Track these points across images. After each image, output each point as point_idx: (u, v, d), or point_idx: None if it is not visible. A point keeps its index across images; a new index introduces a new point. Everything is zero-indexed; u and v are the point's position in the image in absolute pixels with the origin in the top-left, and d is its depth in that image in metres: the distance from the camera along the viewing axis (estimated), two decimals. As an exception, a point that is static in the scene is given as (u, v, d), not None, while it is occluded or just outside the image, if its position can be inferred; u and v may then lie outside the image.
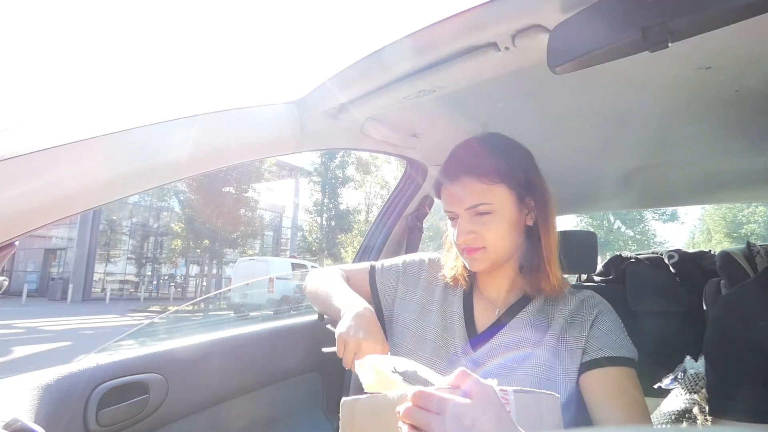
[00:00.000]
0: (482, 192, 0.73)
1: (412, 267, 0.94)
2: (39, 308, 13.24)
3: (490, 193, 0.74)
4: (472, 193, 0.74)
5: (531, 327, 0.76)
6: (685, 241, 27.54)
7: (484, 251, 0.75)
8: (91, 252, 17.89)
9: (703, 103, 0.91)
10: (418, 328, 0.84)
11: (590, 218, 22.12)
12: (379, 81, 0.77)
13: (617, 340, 0.72)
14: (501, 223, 0.74)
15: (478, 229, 0.74)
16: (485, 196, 0.73)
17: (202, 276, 19.25)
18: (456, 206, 0.76)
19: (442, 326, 0.82)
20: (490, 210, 0.73)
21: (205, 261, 17.58)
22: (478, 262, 0.76)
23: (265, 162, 15.32)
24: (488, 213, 0.74)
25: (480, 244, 0.75)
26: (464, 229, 0.75)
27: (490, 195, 0.73)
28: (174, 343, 0.94)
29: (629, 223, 24.03)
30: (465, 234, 0.74)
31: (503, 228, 0.74)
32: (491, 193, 0.74)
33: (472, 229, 0.74)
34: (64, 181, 0.53)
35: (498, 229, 0.74)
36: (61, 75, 5.37)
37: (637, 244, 23.33)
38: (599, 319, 0.74)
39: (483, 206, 0.73)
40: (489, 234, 0.74)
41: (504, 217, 0.74)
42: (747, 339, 0.69)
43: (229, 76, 0.84)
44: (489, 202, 0.73)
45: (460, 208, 0.75)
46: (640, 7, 0.49)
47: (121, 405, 0.79)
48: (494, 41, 0.64)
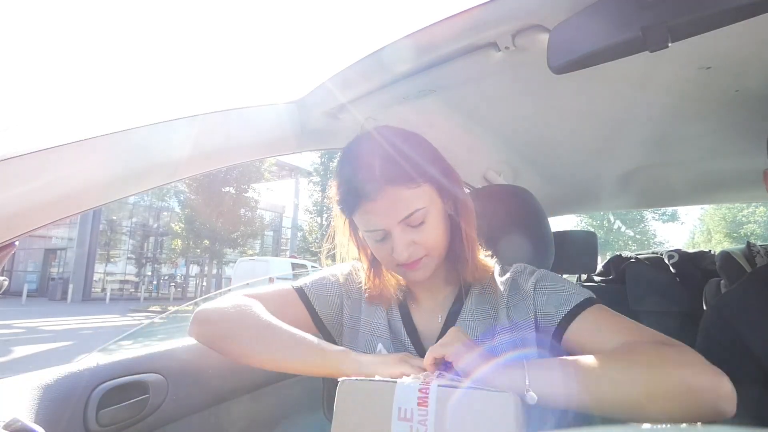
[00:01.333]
0: (412, 198, 0.65)
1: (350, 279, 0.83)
2: (39, 308, 13.24)
3: (419, 197, 0.65)
4: (402, 203, 0.64)
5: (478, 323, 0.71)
6: (685, 241, 27.55)
7: (426, 259, 0.68)
8: (91, 252, 17.88)
9: (703, 103, 0.91)
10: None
11: (590, 218, 22.12)
12: (379, 81, 0.77)
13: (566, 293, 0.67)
14: (437, 224, 0.68)
15: (416, 238, 0.66)
16: (416, 201, 0.65)
17: (202, 276, 19.25)
18: (386, 222, 0.65)
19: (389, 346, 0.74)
20: (423, 217, 0.66)
21: (205, 261, 17.58)
22: (421, 272, 0.69)
23: (265, 162, 15.31)
24: (422, 222, 0.66)
25: (421, 254, 0.67)
26: (403, 243, 0.66)
27: (420, 199, 0.65)
28: (174, 343, 0.94)
29: (629, 223, 24.03)
30: (405, 248, 0.66)
31: (440, 229, 0.68)
32: (419, 196, 0.66)
33: (410, 239, 0.66)
34: (64, 181, 0.53)
35: (436, 232, 0.68)
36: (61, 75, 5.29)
37: (637, 244, 23.33)
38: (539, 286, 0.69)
39: (417, 213, 0.65)
40: (428, 240, 0.67)
41: (437, 216, 0.68)
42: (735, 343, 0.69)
43: (229, 76, 0.84)
44: (421, 207, 0.65)
45: (391, 223, 0.65)
46: (640, 7, 0.49)
47: (121, 405, 0.79)
48: (494, 41, 0.65)
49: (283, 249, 23.28)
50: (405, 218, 0.65)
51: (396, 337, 0.76)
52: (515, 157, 1.32)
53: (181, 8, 21.05)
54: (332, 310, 0.81)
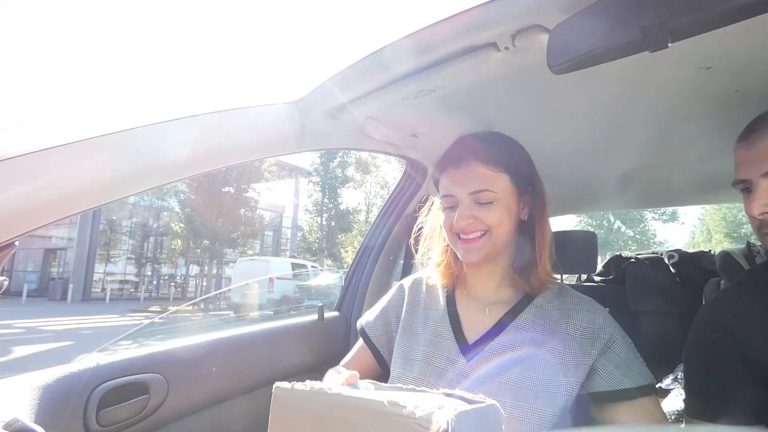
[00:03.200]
0: (488, 178, 0.74)
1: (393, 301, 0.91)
2: (39, 308, 13.24)
3: (495, 180, 0.74)
4: (479, 177, 0.74)
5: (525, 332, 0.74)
6: (685, 241, 27.53)
7: (484, 238, 0.74)
8: (91, 252, 17.89)
9: (703, 103, 0.91)
10: (405, 351, 0.81)
11: (590, 218, 22.12)
12: (379, 81, 0.77)
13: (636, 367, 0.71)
14: (502, 212, 0.74)
15: (479, 215, 0.73)
16: (491, 183, 0.74)
17: (202, 276, 19.25)
18: (459, 190, 0.75)
19: (428, 342, 0.79)
20: (492, 199, 0.73)
21: (205, 261, 17.58)
22: (475, 252, 0.74)
23: (265, 162, 15.32)
24: (489, 202, 0.74)
25: (480, 228, 0.74)
26: (465, 214, 0.73)
27: (495, 183, 0.74)
28: (174, 343, 0.94)
29: (629, 223, 24.03)
30: (465, 218, 0.73)
31: (504, 217, 0.74)
32: (496, 180, 0.74)
33: (473, 213, 0.74)
34: (64, 181, 0.53)
35: (500, 216, 0.74)
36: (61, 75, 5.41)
37: (637, 244, 23.33)
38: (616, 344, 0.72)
39: (487, 193, 0.73)
40: (490, 219, 0.73)
41: (504, 206, 0.74)
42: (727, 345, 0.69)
43: (229, 76, 0.84)
44: (493, 190, 0.73)
45: (463, 192, 0.74)
46: (640, 7, 0.49)
47: (121, 405, 0.79)
48: (494, 41, 0.64)
49: (283, 249, 23.28)
50: (475, 191, 0.74)
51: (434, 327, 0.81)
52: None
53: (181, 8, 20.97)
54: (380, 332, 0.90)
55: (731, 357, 0.68)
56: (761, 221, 0.65)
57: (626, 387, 0.68)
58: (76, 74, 0.67)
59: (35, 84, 0.61)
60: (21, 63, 0.61)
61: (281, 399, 0.51)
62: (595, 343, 0.71)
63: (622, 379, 0.69)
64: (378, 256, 1.40)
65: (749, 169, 0.66)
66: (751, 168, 0.65)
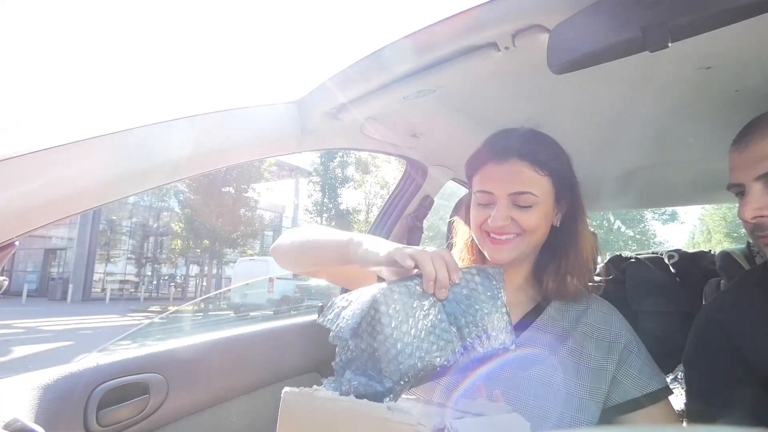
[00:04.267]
0: (531, 181, 0.69)
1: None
2: (39, 308, 13.24)
3: (538, 184, 0.70)
4: (522, 178, 0.69)
5: (544, 333, 0.73)
6: (685, 241, 27.54)
7: (516, 240, 0.71)
8: (91, 252, 17.88)
9: (703, 103, 0.90)
10: None
11: (590, 218, 21.99)
12: (379, 81, 0.77)
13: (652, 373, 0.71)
14: (539, 215, 0.70)
15: (517, 217, 0.70)
16: (533, 185, 0.69)
17: (202, 276, 19.24)
18: (499, 188, 0.70)
19: None
20: (532, 203, 0.69)
21: (205, 261, 17.57)
22: (505, 253, 0.71)
23: (265, 162, 15.31)
24: (529, 205, 0.69)
25: (515, 230, 0.70)
26: (502, 215, 0.69)
27: (537, 186, 0.70)
28: (174, 343, 0.94)
29: (629, 223, 24.02)
30: (502, 219, 0.69)
31: (541, 220, 0.71)
32: (539, 184, 0.70)
33: (510, 215, 0.70)
34: (64, 181, 0.53)
35: (537, 221, 0.70)
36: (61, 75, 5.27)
37: (637, 244, 23.32)
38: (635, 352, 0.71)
39: (528, 196, 0.69)
40: (527, 222, 0.69)
41: (542, 211, 0.71)
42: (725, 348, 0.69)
43: (229, 76, 0.84)
44: (535, 194, 0.69)
45: (503, 191, 0.70)
46: (640, 7, 0.49)
47: (121, 405, 0.79)
48: (494, 41, 0.64)
49: (283, 249, 23.20)
50: (516, 193, 0.69)
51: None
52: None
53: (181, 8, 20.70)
54: None
55: (730, 359, 0.68)
56: (754, 224, 0.65)
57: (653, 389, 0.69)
58: (76, 74, 0.67)
59: (35, 84, 0.61)
60: (21, 63, 0.61)
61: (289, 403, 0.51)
62: (612, 349, 0.71)
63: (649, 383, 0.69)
64: (378, 256, 1.40)
65: (742, 172, 0.66)
66: (743, 172, 0.65)
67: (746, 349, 0.66)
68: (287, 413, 0.51)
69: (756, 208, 0.63)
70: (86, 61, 10.31)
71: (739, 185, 0.66)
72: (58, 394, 0.72)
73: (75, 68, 8.87)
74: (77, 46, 11.21)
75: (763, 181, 0.63)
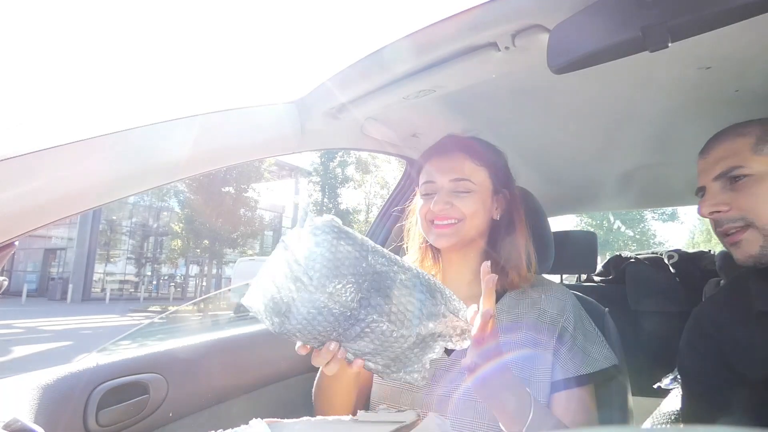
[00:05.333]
0: (469, 170, 0.79)
1: None
2: (39, 308, 13.23)
3: (475, 173, 0.79)
4: (461, 167, 0.79)
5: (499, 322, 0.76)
6: (685, 241, 27.51)
7: (455, 225, 0.77)
8: (91, 252, 17.88)
9: (703, 103, 0.91)
10: None
11: (590, 218, 22.10)
12: (379, 81, 0.77)
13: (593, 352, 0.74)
14: (477, 202, 0.79)
15: (456, 202, 0.78)
16: (471, 174, 0.79)
17: (202, 276, 19.24)
18: (440, 177, 0.80)
19: None
20: (470, 189, 0.78)
21: (205, 261, 17.57)
22: (446, 237, 0.78)
23: (265, 162, 15.30)
24: (467, 192, 0.78)
25: (455, 215, 0.78)
26: (443, 199, 0.78)
27: (475, 175, 0.79)
28: (174, 343, 0.94)
29: (629, 223, 24.01)
30: (443, 203, 0.77)
31: (478, 207, 0.79)
32: (476, 173, 0.79)
33: (450, 201, 0.78)
34: (64, 181, 0.53)
35: (474, 207, 0.78)
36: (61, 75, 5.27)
37: (637, 244, 23.31)
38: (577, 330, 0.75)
39: (466, 182, 0.78)
40: (465, 207, 0.77)
41: (480, 199, 0.79)
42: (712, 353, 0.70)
43: (229, 76, 0.84)
44: (473, 181, 0.78)
45: (444, 179, 0.79)
46: (640, 7, 0.49)
47: (121, 405, 0.79)
48: (494, 41, 0.64)
49: (283, 249, 23.18)
50: (455, 179, 0.78)
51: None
52: (515, 157, 1.31)
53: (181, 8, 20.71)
54: None
55: (717, 363, 0.69)
56: (715, 221, 0.70)
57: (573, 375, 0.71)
58: (77, 74, 0.67)
59: (35, 84, 0.61)
60: (21, 64, 0.61)
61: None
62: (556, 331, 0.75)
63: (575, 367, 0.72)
64: (378, 256, 1.40)
65: (704, 176, 0.72)
66: (705, 175, 0.72)
67: (730, 354, 0.68)
68: None
69: (712, 204, 0.69)
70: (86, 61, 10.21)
71: (702, 188, 0.72)
72: (58, 394, 0.72)
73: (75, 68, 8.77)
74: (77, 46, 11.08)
75: (720, 180, 0.69)
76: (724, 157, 0.69)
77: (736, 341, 0.68)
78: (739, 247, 0.67)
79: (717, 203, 0.68)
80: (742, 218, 0.66)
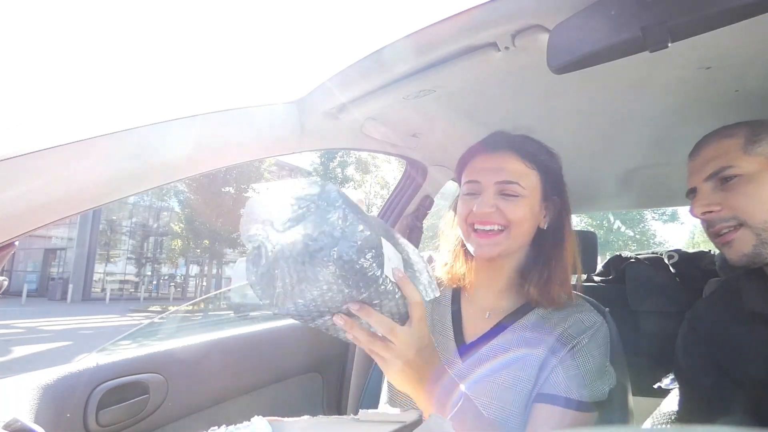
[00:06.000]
0: (519, 172, 0.71)
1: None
2: (39, 308, 13.23)
3: (526, 175, 0.71)
4: (510, 168, 0.71)
5: (524, 338, 0.71)
6: (685, 241, 27.50)
7: (502, 234, 0.70)
8: (91, 252, 17.88)
9: (703, 103, 0.91)
10: None
11: (590, 218, 22.09)
12: (379, 81, 0.77)
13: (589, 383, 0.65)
14: (525, 208, 0.70)
15: (503, 206, 0.69)
16: (521, 176, 0.71)
17: (202, 276, 19.24)
18: (486, 176, 0.71)
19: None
20: (519, 193, 0.70)
21: (205, 261, 17.58)
22: (489, 247, 0.70)
23: (265, 162, 15.31)
24: (515, 196, 0.70)
25: (500, 221, 0.69)
26: (488, 202, 0.69)
27: (525, 178, 0.71)
28: (174, 343, 0.94)
29: (629, 223, 24.01)
30: (488, 206, 0.69)
31: (527, 214, 0.70)
32: (527, 176, 0.71)
33: (496, 204, 0.69)
34: (64, 181, 0.53)
35: (523, 213, 0.70)
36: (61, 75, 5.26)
37: (637, 244, 23.31)
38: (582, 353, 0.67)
39: (515, 186, 0.70)
40: (512, 213, 0.69)
41: (529, 205, 0.71)
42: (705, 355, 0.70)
43: (229, 76, 0.84)
44: (522, 185, 0.70)
45: (490, 180, 0.71)
46: (640, 7, 0.49)
47: (121, 405, 0.79)
48: (494, 41, 0.64)
49: (283, 249, 23.19)
50: (503, 181, 0.70)
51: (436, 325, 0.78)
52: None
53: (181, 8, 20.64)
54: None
55: (711, 365, 0.69)
56: (707, 222, 0.69)
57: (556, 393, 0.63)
58: (77, 74, 0.67)
59: (35, 84, 0.61)
60: (21, 63, 0.61)
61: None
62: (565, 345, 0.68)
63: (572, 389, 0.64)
64: (378, 256, 1.40)
65: (694, 177, 0.72)
66: (695, 176, 0.71)
67: (723, 355, 0.68)
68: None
69: (704, 205, 0.68)
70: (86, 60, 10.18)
71: (693, 189, 0.72)
72: (58, 394, 0.72)
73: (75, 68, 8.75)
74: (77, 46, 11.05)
75: (711, 181, 0.69)
76: (715, 157, 0.69)
77: (728, 342, 0.68)
78: (731, 246, 0.67)
79: (709, 203, 0.68)
80: (734, 218, 0.66)
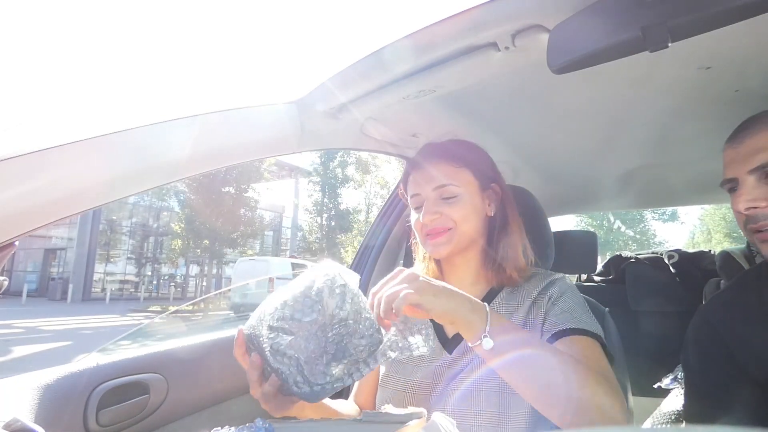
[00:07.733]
0: (450, 173, 0.77)
1: None
2: (39, 308, 13.23)
3: (457, 175, 0.77)
4: (441, 173, 0.77)
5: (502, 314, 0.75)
6: (685, 241, 27.51)
7: (448, 233, 0.76)
8: (91, 252, 17.88)
9: (703, 103, 0.91)
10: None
11: (590, 218, 22.10)
12: (379, 81, 0.77)
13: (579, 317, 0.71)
14: (465, 206, 0.77)
15: (445, 210, 0.76)
16: (453, 177, 0.77)
17: (202, 276, 19.25)
18: (424, 187, 0.78)
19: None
20: (455, 193, 0.76)
21: (205, 261, 17.58)
22: (441, 247, 0.77)
23: (265, 162, 15.31)
24: (454, 196, 0.76)
25: (446, 225, 0.76)
26: (430, 209, 0.76)
27: (457, 177, 0.77)
28: (174, 343, 0.94)
29: (629, 223, 24.02)
30: (431, 214, 0.76)
31: (467, 210, 0.77)
32: (458, 175, 0.77)
33: (437, 209, 0.76)
34: (64, 181, 0.53)
35: (463, 211, 0.76)
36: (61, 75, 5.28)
37: (637, 244, 23.32)
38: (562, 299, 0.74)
39: (450, 187, 0.76)
40: (455, 214, 0.76)
41: (468, 201, 0.77)
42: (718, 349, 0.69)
43: (229, 76, 0.84)
44: (456, 184, 0.77)
45: (427, 189, 0.78)
46: (640, 7, 0.49)
47: (121, 405, 0.79)
48: (494, 41, 0.64)
49: (283, 249, 23.27)
50: (439, 186, 0.77)
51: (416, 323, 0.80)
52: (515, 157, 1.32)
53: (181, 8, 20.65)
54: None
55: (723, 361, 0.68)
56: (747, 217, 0.66)
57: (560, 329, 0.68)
58: (77, 74, 0.67)
59: (35, 84, 0.61)
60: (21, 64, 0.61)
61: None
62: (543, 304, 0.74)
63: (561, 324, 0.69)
64: (378, 256, 1.40)
65: (736, 167, 0.67)
66: (737, 166, 0.67)
67: (738, 352, 0.67)
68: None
69: (749, 200, 0.65)
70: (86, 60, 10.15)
71: (733, 180, 0.68)
72: (58, 394, 0.72)
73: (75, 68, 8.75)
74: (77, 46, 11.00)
75: (756, 174, 0.64)
76: (763, 148, 0.64)
77: (744, 339, 0.67)
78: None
79: (755, 198, 0.64)
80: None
